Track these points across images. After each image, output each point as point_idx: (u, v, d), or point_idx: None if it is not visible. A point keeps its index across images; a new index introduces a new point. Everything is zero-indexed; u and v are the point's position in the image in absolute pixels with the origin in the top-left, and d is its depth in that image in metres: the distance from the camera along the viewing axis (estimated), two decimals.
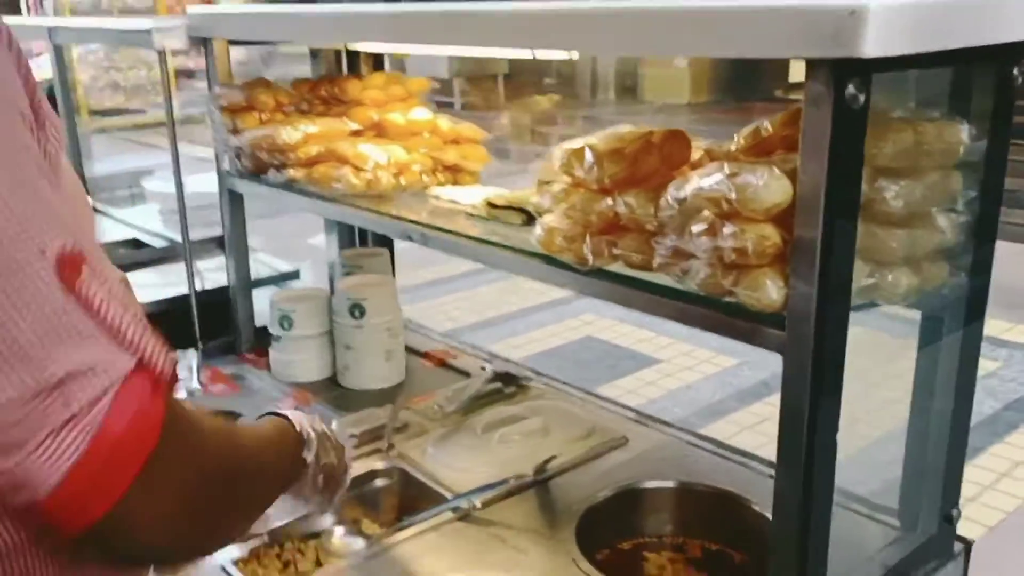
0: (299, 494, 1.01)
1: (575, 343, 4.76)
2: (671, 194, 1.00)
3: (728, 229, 0.94)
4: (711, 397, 4.04)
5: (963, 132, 1.02)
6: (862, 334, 0.97)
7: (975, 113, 1.05)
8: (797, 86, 0.90)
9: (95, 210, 3.02)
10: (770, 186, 0.90)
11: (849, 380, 0.95)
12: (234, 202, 2.00)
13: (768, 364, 4.28)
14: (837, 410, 0.94)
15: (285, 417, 1.00)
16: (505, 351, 4.69)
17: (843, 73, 0.83)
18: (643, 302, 1.08)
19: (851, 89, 0.84)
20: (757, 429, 3.69)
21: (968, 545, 1.23)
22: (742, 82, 9.87)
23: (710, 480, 1.42)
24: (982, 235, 1.09)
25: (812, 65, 0.85)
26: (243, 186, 1.89)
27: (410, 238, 1.45)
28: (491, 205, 1.45)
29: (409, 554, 1.28)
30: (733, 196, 0.92)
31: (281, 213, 5.74)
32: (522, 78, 11.10)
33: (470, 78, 11.03)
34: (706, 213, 0.97)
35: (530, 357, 4.61)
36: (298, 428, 0.99)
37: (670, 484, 1.42)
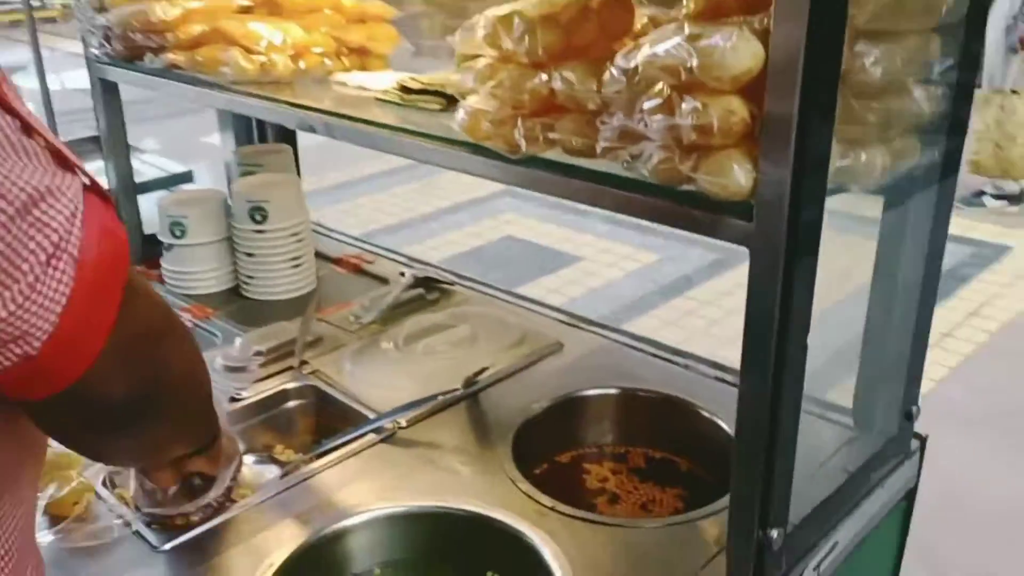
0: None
1: (495, 243, 4.64)
2: (619, 64, 0.85)
3: (688, 104, 0.80)
4: (633, 294, 3.99)
5: None
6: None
7: None
8: None
9: None
10: (739, 49, 0.76)
11: None
12: (108, 93, 1.76)
13: (689, 258, 4.26)
14: (809, 310, 0.83)
15: None
16: (423, 254, 4.54)
17: None
18: (586, 193, 0.94)
19: None
20: (680, 324, 3.67)
21: (923, 440, 1.17)
22: None
23: (651, 385, 1.33)
24: (956, 108, 0.98)
25: None
26: (115, 73, 1.65)
27: (312, 128, 1.27)
28: (405, 90, 1.28)
29: (329, 482, 1.15)
30: (695, 63, 0.77)
31: (177, 114, 5.34)
32: None
33: None
34: (661, 86, 0.83)
35: (448, 259, 4.47)
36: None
37: (610, 391, 1.32)
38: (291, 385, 1.37)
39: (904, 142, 0.94)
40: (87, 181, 0.56)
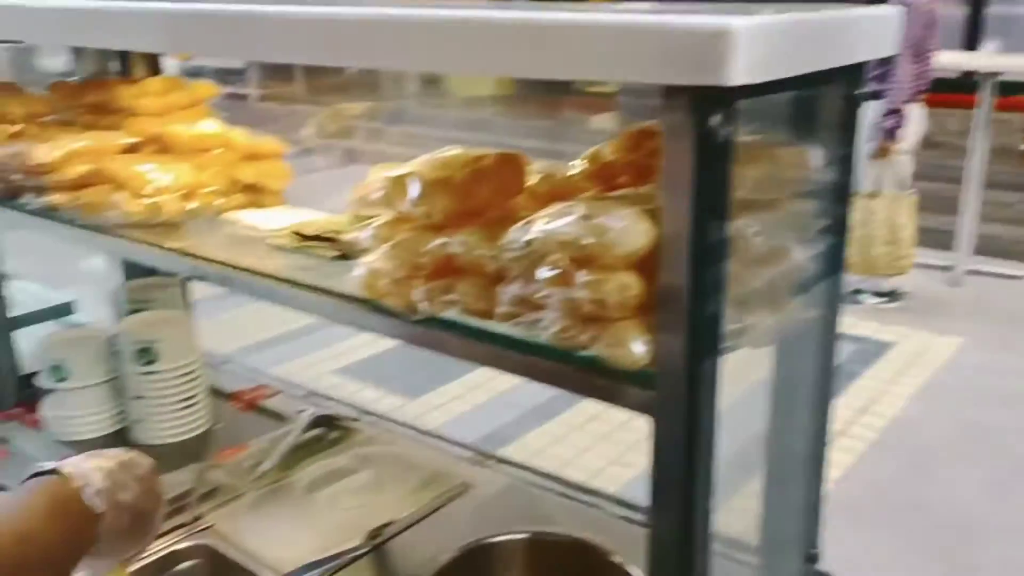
0: (102, 554, 0.86)
1: (395, 350, 4.56)
2: (515, 236, 0.86)
3: (583, 277, 0.81)
4: (537, 399, 3.98)
5: (814, 157, 0.95)
6: None
7: (822, 137, 0.99)
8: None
9: None
10: (631, 230, 0.78)
11: None
12: None
13: None
14: (713, 470, 0.85)
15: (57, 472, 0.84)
16: (319, 363, 4.44)
17: (707, 102, 0.72)
18: (487, 356, 0.94)
19: (716, 119, 0.73)
20: (585, 428, 3.68)
21: None
22: None
23: (560, 527, 1.31)
24: (832, 263, 1.03)
25: (671, 93, 0.74)
26: None
27: (204, 278, 1.24)
28: (299, 235, 1.27)
29: None
30: (589, 241, 0.79)
31: None
32: (322, 67, 10.66)
33: (266, 66, 10.50)
34: (557, 256, 0.84)
35: (347, 367, 4.39)
36: (75, 481, 0.83)
37: (519, 536, 1.29)
38: (183, 545, 1.29)
39: (789, 299, 0.98)
40: None
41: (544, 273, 0.85)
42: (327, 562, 1.21)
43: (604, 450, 3.51)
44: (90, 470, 0.86)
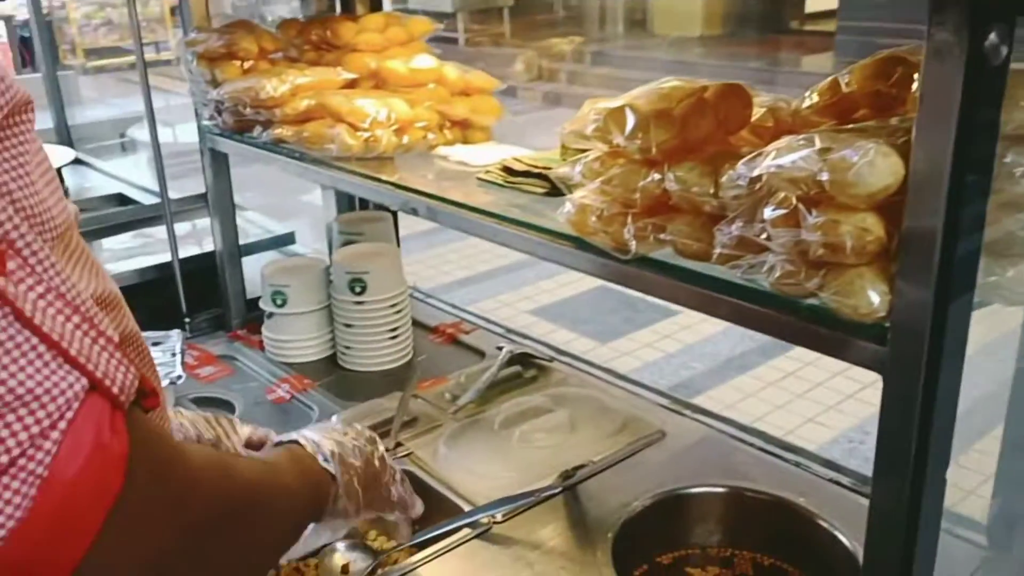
0: (338, 514, 0.95)
1: (588, 293, 4.58)
2: (741, 172, 0.80)
3: (816, 218, 0.74)
4: (731, 351, 3.87)
5: None
6: None
7: None
8: (813, 16, 0.69)
9: (78, 161, 2.81)
10: (877, 165, 0.70)
11: None
12: (217, 161, 1.81)
13: None
14: (949, 442, 0.76)
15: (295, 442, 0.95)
16: (514, 303, 4.53)
17: (983, 17, 0.63)
18: (699, 300, 0.90)
19: (993, 38, 0.63)
20: (780, 385, 3.53)
21: None
22: (756, 13, 9.50)
23: (759, 483, 1.25)
24: None
25: (939, 6, 0.64)
26: (226, 145, 1.69)
27: (415, 211, 1.26)
28: (508, 171, 1.26)
29: None
30: (825, 177, 0.72)
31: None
32: (528, 11, 10.72)
33: (474, 11, 10.67)
34: (784, 195, 0.77)
35: (539, 310, 4.44)
36: (309, 447, 0.93)
37: (717, 489, 1.24)
38: None
39: None
40: (106, 377, 0.50)
41: (770, 213, 0.78)
42: (520, 498, 1.21)
43: (800, 408, 3.36)
44: (320, 439, 0.94)
